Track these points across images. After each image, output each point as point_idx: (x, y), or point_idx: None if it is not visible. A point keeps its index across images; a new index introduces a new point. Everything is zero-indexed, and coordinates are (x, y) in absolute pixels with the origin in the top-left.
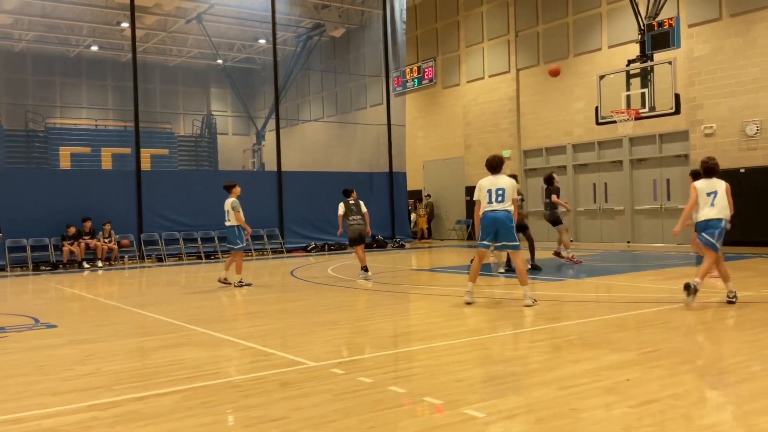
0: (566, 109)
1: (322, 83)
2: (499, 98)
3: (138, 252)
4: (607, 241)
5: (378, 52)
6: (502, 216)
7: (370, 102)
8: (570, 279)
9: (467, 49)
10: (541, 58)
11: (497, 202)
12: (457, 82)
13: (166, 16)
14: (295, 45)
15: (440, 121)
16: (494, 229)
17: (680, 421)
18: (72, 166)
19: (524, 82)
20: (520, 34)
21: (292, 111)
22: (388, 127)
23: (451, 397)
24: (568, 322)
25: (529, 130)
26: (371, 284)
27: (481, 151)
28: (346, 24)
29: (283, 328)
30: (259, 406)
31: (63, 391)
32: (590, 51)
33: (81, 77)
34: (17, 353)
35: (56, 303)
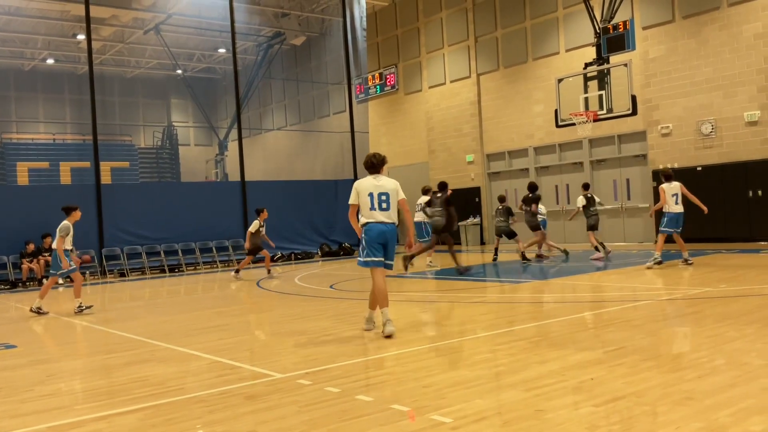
0: (527, 113)
1: (284, 92)
2: (461, 103)
3: (99, 267)
4: (571, 241)
5: (339, 59)
6: (393, 229)
7: (333, 110)
8: (535, 280)
9: (428, 55)
10: (500, 63)
11: (382, 210)
12: (419, 87)
13: (123, 27)
14: (255, 54)
15: (404, 127)
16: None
17: (645, 417)
18: (30, 182)
19: (485, 86)
20: (479, 40)
21: (255, 120)
22: (351, 134)
23: (418, 403)
24: (534, 324)
25: (491, 134)
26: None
27: (444, 156)
28: (306, 32)
29: (250, 340)
30: (224, 420)
31: (23, 413)
32: (548, 55)
33: (37, 91)
34: None
35: (16, 323)
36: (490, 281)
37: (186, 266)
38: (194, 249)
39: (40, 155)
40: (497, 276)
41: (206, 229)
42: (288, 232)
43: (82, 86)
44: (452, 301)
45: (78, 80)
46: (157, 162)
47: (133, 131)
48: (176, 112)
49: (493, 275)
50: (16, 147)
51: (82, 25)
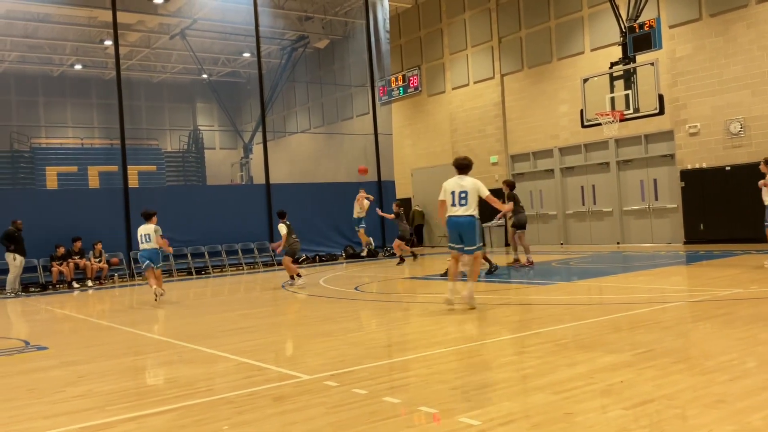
0: (551, 113)
1: (307, 95)
2: (485, 104)
3: (128, 270)
4: (596, 242)
5: (363, 62)
6: (467, 220)
7: (357, 112)
8: (561, 282)
9: (451, 57)
10: (525, 63)
11: (461, 206)
12: (443, 89)
13: (150, 33)
14: (279, 57)
15: (427, 129)
16: (458, 233)
17: (675, 421)
18: (59, 186)
19: (509, 87)
20: (503, 40)
21: (279, 123)
22: (375, 136)
23: (446, 405)
24: (562, 326)
25: (515, 134)
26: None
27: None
28: (330, 35)
29: (276, 342)
30: (253, 422)
31: (54, 414)
32: (573, 55)
33: (65, 96)
34: (7, 377)
35: (46, 324)
36: (516, 283)
37: (212, 268)
38: (220, 251)
39: (68, 160)
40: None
41: (232, 231)
42: (312, 234)
43: (109, 91)
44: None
45: (105, 85)
46: (183, 165)
47: (160, 135)
48: (202, 116)
49: (519, 277)
50: (46, 152)
51: (109, 31)
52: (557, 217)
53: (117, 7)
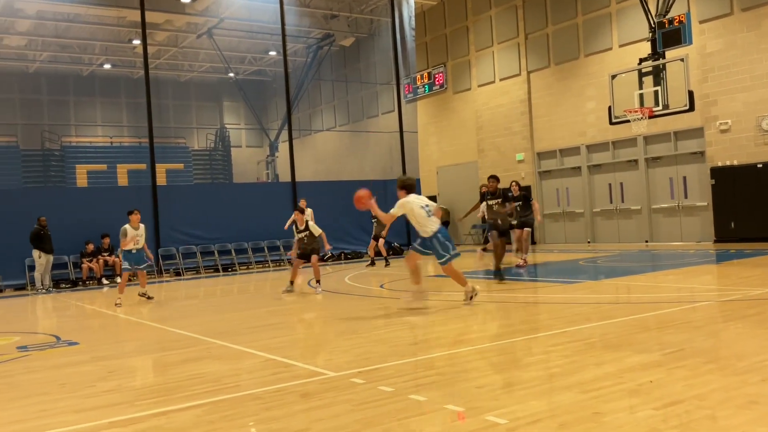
0: (579, 110)
1: (333, 93)
2: (511, 101)
3: (156, 267)
4: (624, 241)
5: (388, 59)
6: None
7: (382, 110)
8: (588, 281)
9: (477, 54)
10: (551, 60)
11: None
12: (468, 86)
13: (177, 32)
14: (305, 56)
15: (452, 127)
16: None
17: (706, 422)
18: (89, 184)
19: (535, 84)
20: (529, 37)
21: (305, 121)
22: (400, 134)
23: (472, 403)
24: (589, 325)
25: (542, 132)
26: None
27: (494, 155)
28: (355, 33)
29: (303, 339)
30: (280, 418)
31: (85, 408)
32: (601, 51)
33: (95, 95)
34: (40, 372)
35: (77, 320)
36: (542, 281)
37: (239, 266)
38: (246, 249)
39: (98, 158)
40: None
41: (258, 229)
42: (338, 232)
43: (138, 90)
44: (503, 302)
45: (134, 84)
46: (210, 163)
47: (187, 134)
48: (228, 114)
49: (545, 275)
50: (75, 150)
51: (137, 31)
52: (584, 215)
53: (145, 6)
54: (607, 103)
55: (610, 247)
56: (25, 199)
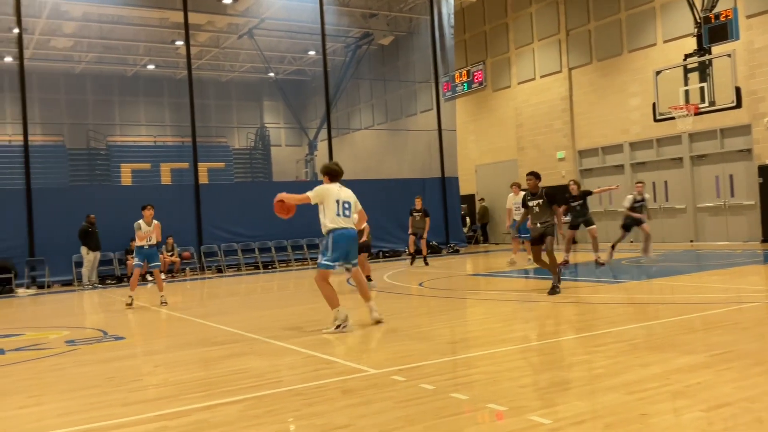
0: (622, 107)
1: (371, 91)
2: (552, 98)
3: (198, 264)
4: (669, 240)
5: (427, 57)
6: (355, 234)
7: (420, 108)
8: (632, 281)
9: (517, 51)
10: (593, 56)
11: (346, 217)
12: (508, 84)
13: (219, 33)
14: (344, 55)
15: (491, 125)
16: (348, 248)
17: (754, 425)
18: (133, 182)
19: (577, 80)
20: (571, 33)
21: (343, 120)
22: (438, 132)
23: (515, 403)
24: (633, 325)
25: (583, 129)
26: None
27: (534, 153)
28: (394, 31)
29: (343, 336)
30: (322, 413)
31: (133, 401)
32: (645, 47)
33: (139, 95)
34: (88, 365)
35: (122, 316)
36: (584, 281)
37: (278, 263)
38: (286, 246)
39: (142, 157)
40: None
41: (297, 227)
42: (376, 230)
43: (180, 90)
44: (545, 301)
45: (177, 84)
46: (250, 162)
47: (228, 133)
48: (268, 113)
49: (587, 275)
50: (120, 149)
51: (180, 32)
52: None
53: (188, 8)
54: (651, 100)
55: (654, 247)
56: (71, 198)
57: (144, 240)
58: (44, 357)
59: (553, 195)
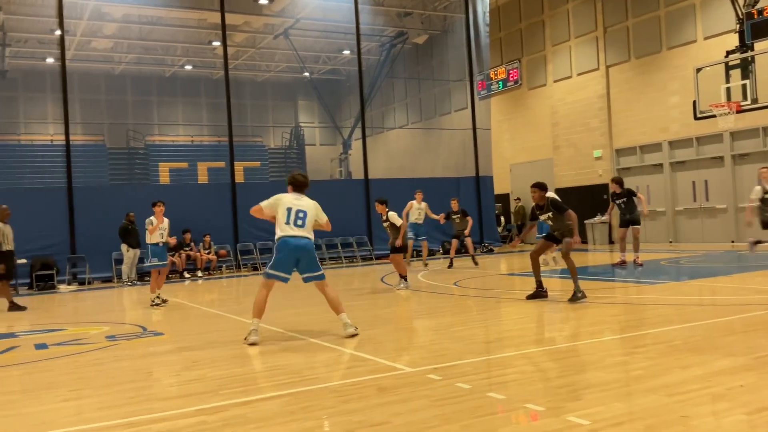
0: (660, 105)
1: (406, 90)
2: (589, 96)
3: (235, 261)
4: (709, 241)
5: (461, 56)
6: (307, 244)
7: (455, 107)
8: (671, 282)
9: (553, 48)
10: (632, 53)
11: (297, 226)
12: (544, 82)
13: (255, 33)
14: (378, 54)
15: (527, 123)
16: (295, 258)
17: None
18: (171, 181)
19: (614, 78)
20: (608, 30)
21: (377, 119)
22: (473, 131)
23: (552, 403)
24: (672, 327)
25: (621, 128)
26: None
27: (570, 151)
28: (428, 30)
29: (377, 334)
30: (359, 411)
31: (172, 396)
32: (684, 44)
33: (176, 96)
34: (128, 360)
35: (161, 312)
36: (621, 282)
37: None
38: (320, 245)
39: (179, 156)
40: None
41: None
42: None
43: (217, 90)
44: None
45: (214, 85)
46: (285, 161)
47: (263, 132)
48: (303, 113)
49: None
50: (158, 148)
51: (217, 33)
52: (666, 213)
53: (225, 8)
54: (691, 98)
55: (693, 247)
56: (111, 196)
57: (157, 236)
58: (85, 352)
59: (558, 204)
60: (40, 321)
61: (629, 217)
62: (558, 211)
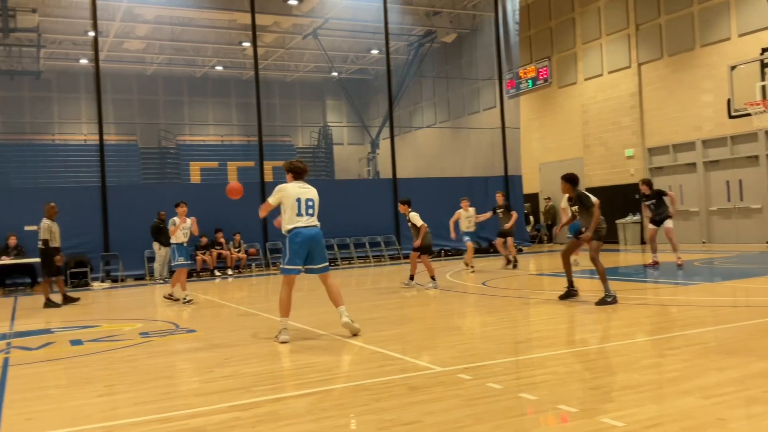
0: (694, 103)
1: (434, 89)
2: (620, 95)
3: (264, 260)
4: (743, 241)
5: (490, 55)
6: (318, 233)
7: (483, 106)
8: (704, 282)
9: (584, 46)
10: (664, 51)
11: (309, 215)
12: (574, 80)
13: (284, 33)
14: (406, 53)
15: (557, 122)
16: (308, 249)
17: None
18: (201, 180)
19: (647, 76)
20: (640, 27)
21: (405, 118)
22: (502, 130)
23: (586, 405)
24: (706, 328)
25: (653, 126)
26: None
27: (601, 150)
28: (457, 29)
29: (407, 333)
30: (391, 409)
31: (206, 392)
32: (718, 41)
33: (207, 96)
34: (162, 356)
35: (193, 309)
36: (653, 282)
37: (341, 260)
38: (349, 244)
39: (210, 155)
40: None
41: (360, 225)
42: (438, 228)
43: (247, 90)
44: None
45: (243, 85)
46: (313, 161)
47: (292, 132)
48: (331, 112)
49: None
50: (189, 148)
51: (247, 33)
52: (699, 213)
53: (255, 9)
54: (726, 96)
55: (727, 248)
56: (144, 195)
57: (181, 236)
58: (119, 348)
59: (583, 198)
60: (74, 318)
61: (659, 218)
62: (583, 205)
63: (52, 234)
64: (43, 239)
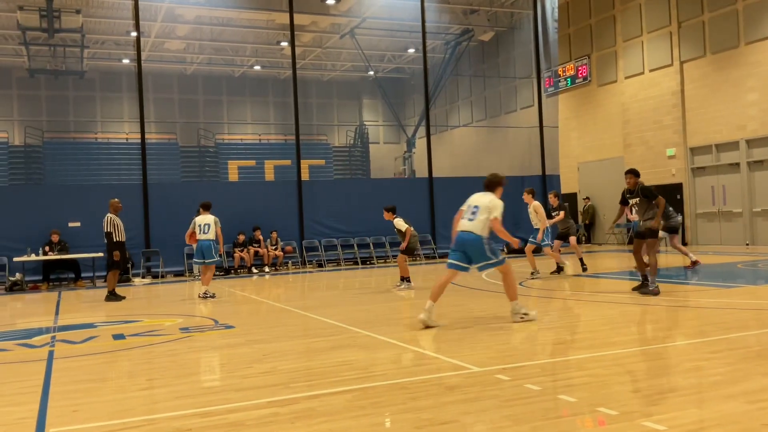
0: (738, 102)
1: (470, 88)
2: (661, 93)
3: (300, 258)
4: None
5: (528, 53)
6: (469, 238)
7: (521, 104)
8: (747, 285)
9: (624, 44)
10: (707, 49)
11: (468, 221)
12: (614, 78)
13: (322, 33)
14: (443, 52)
15: (596, 121)
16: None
17: None
18: (239, 178)
19: (689, 74)
20: (683, 25)
21: (441, 117)
22: (540, 129)
23: (627, 408)
24: (750, 332)
25: (695, 125)
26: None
27: (641, 150)
28: (495, 27)
29: (443, 333)
30: (428, 408)
31: (245, 387)
32: (763, 39)
33: (245, 95)
34: (201, 352)
35: (231, 305)
36: (694, 285)
37: (376, 259)
38: (384, 243)
39: (248, 154)
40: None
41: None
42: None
43: (284, 90)
44: (654, 304)
45: (281, 84)
46: (349, 159)
47: (328, 131)
48: (367, 111)
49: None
50: (228, 146)
51: (285, 33)
52: (743, 214)
53: (293, 9)
54: None
55: None
56: (183, 192)
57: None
58: (160, 343)
59: (647, 191)
60: (117, 312)
61: (666, 226)
62: (646, 197)
63: (117, 228)
64: (107, 232)
